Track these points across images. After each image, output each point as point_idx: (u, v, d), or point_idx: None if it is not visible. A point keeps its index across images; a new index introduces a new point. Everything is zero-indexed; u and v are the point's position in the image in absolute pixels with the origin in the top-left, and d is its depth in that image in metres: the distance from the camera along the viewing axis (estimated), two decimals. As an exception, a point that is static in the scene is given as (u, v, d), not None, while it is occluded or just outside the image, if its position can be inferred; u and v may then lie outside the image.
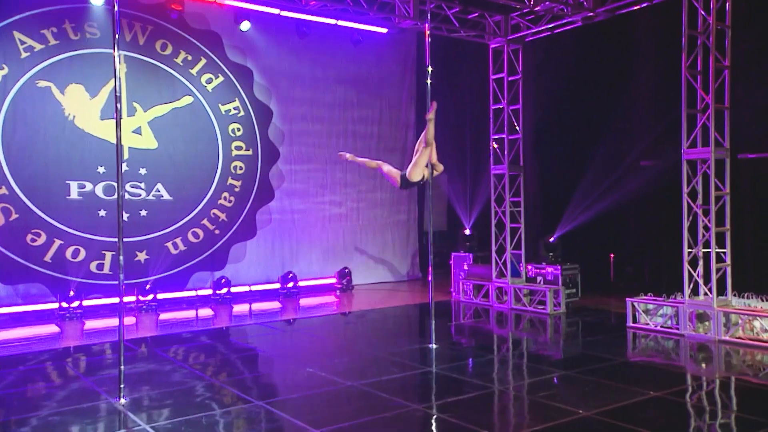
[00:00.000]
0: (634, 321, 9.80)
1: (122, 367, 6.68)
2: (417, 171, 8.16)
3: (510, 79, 11.67)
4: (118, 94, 6.69)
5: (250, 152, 13.47)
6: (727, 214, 9.20)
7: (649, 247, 12.34)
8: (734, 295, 9.25)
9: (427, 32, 9.00)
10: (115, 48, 6.70)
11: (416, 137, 15.54)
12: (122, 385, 6.63)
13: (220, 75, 13.13)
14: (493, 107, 11.87)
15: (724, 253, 9.26)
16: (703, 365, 8.18)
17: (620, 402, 6.30)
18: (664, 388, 6.79)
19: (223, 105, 13.15)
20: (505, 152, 11.70)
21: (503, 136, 11.75)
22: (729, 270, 9.20)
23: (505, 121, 11.70)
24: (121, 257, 6.62)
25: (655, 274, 12.41)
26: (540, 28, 11.27)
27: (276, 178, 13.82)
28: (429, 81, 8.66)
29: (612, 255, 12.96)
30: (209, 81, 12.99)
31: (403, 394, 6.97)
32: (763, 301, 9.17)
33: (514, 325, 10.70)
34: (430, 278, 9.14)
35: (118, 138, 6.77)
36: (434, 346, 8.70)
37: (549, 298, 11.00)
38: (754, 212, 10.84)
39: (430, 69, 8.71)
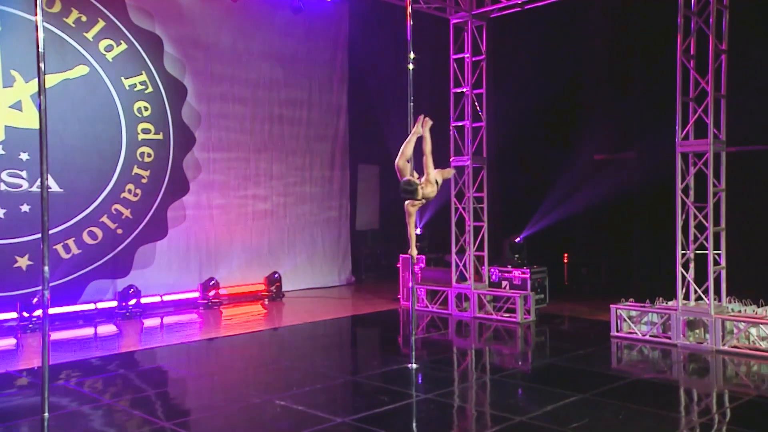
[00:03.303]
0: (618, 330, 8.93)
1: (46, 414, 4.82)
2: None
3: (473, 59, 10.45)
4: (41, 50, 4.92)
5: (160, 136, 11.33)
6: (723, 213, 8.51)
7: (607, 248, 11.62)
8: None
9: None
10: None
11: (348, 123, 14.20)
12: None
13: (122, 42, 10.91)
14: (454, 90, 10.58)
15: (719, 254, 8.56)
16: (726, 382, 7.38)
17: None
18: (704, 413, 6.09)
19: (126, 78, 10.94)
20: (467, 142, 10.45)
21: (465, 123, 10.50)
22: (724, 273, 8.51)
23: (467, 106, 10.46)
24: (46, 267, 4.67)
25: (611, 276, 11.74)
26: (508, 3, 10.11)
27: (191, 167, 11.74)
28: (411, 66, 7.50)
29: (566, 255, 12.15)
30: (109, 48, 10.75)
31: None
32: (747, 305, 8.61)
33: (486, 337, 9.45)
34: (410, 284, 7.78)
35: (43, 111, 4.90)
36: (414, 366, 7.41)
37: (519, 305, 9.90)
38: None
39: (412, 55, 7.50)
